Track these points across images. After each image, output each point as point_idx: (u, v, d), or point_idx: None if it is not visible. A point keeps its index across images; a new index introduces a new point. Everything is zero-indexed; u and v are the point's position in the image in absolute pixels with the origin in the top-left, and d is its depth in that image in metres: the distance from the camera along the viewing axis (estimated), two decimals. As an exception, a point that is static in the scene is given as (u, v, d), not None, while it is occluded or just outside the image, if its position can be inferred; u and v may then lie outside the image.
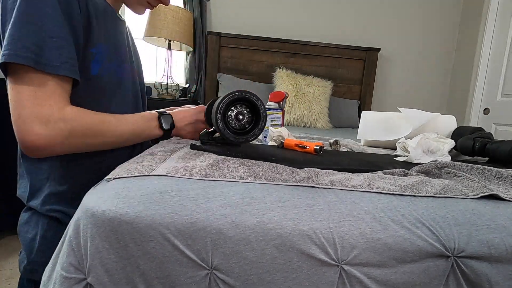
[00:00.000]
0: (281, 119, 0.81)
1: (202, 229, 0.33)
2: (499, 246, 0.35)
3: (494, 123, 2.21)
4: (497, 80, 2.20)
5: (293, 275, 0.33)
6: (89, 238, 0.34)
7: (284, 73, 2.18)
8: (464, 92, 2.44)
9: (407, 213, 0.36)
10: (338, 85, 2.39)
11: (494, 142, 0.64)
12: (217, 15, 2.40)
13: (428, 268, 0.34)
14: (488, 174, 0.47)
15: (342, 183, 0.41)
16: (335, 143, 0.78)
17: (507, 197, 0.41)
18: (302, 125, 2.05)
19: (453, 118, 0.85)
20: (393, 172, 0.48)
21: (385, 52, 2.54)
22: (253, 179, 0.41)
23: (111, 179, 0.40)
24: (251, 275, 0.33)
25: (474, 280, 0.34)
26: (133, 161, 0.47)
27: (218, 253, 0.33)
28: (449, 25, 2.58)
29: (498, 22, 2.22)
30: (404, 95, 2.63)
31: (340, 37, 2.49)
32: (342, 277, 0.33)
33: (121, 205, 0.35)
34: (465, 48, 2.48)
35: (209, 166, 0.43)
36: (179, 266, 0.33)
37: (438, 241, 0.34)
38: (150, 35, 2.00)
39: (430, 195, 0.40)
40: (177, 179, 0.40)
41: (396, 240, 0.34)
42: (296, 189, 0.39)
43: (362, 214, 0.36)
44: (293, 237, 0.33)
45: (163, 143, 0.63)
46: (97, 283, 0.33)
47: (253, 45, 2.32)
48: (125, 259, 0.33)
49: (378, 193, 0.40)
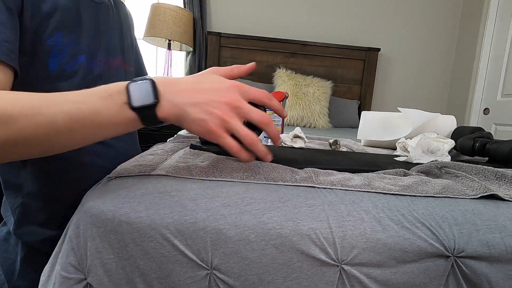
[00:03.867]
0: (281, 119, 0.81)
1: (202, 229, 0.33)
2: (499, 246, 0.35)
3: (494, 123, 2.21)
4: (497, 80, 2.20)
5: (293, 275, 0.33)
6: (89, 238, 0.34)
7: (284, 73, 2.18)
8: (464, 92, 2.44)
9: (407, 213, 0.36)
10: (338, 85, 2.39)
11: (494, 142, 0.64)
12: (217, 15, 2.40)
13: (428, 268, 0.34)
14: (488, 174, 0.47)
15: (342, 183, 0.41)
16: (334, 143, 0.78)
17: (507, 197, 0.41)
18: (302, 125, 2.05)
19: (453, 118, 0.85)
20: (393, 172, 0.48)
21: (385, 52, 2.54)
22: (253, 179, 0.41)
23: (112, 178, 0.40)
24: (251, 275, 0.33)
25: (474, 280, 0.34)
26: (133, 160, 0.47)
27: (218, 253, 0.33)
28: (449, 25, 2.58)
29: (498, 22, 2.22)
30: (404, 95, 2.63)
31: (340, 37, 2.49)
32: (342, 277, 0.33)
33: (121, 205, 0.35)
34: (465, 48, 2.47)
35: (209, 166, 0.43)
36: (179, 266, 0.33)
37: (438, 241, 0.34)
38: (150, 35, 2.00)
39: (430, 195, 0.40)
40: (177, 179, 0.40)
41: (396, 240, 0.34)
42: (296, 189, 0.39)
43: (362, 214, 0.36)
44: (293, 237, 0.33)
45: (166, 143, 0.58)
46: (97, 283, 0.33)
47: (253, 45, 2.32)
48: (125, 259, 0.33)
49: (378, 193, 0.40)
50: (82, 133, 0.35)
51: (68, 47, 0.49)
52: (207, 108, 0.36)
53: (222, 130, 0.36)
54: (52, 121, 0.33)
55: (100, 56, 0.55)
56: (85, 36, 0.52)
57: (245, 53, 2.34)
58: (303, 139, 0.65)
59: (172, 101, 0.36)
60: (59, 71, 0.48)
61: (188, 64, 2.33)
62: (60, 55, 0.48)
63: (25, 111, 0.32)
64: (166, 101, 0.35)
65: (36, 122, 0.32)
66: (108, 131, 0.36)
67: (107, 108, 0.34)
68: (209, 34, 2.28)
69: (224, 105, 0.36)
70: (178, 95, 0.36)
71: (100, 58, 0.55)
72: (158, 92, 0.35)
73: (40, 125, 0.32)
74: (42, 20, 0.45)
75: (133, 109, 0.35)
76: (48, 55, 0.47)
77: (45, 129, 0.33)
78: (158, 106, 0.35)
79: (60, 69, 0.48)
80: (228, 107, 0.36)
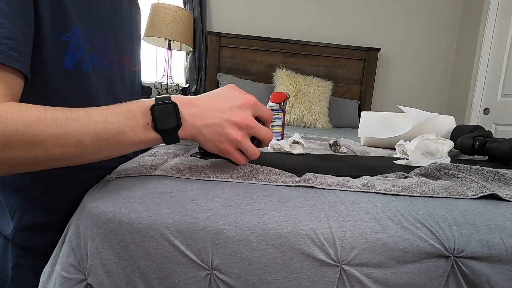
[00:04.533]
0: (282, 120, 0.81)
1: (202, 230, 0.33)
2: (499, 246, 0.35)
3: (494, 123, 2.22)
4: (497, 80, 2.20)
5: (293, 275, 0.33)
6: (89, 238, 0.34)
7: (284, 73, 2.18)
8: (464, 92, 2.44)
9: (407, 213, 0.36)
10: (338, 85, 2.39)
11: (493, 141, 0.64)
12: (217, 15, 2.40)
13: (428, 269, 0.34)
14: (487, 175, 0.47)
15: (342, 184, 0.41)
16: (334, 144, 0.78)
17: (507, 197, 0.41)
18: (302, 125, 2.05)
19: (452, 118, 0.85)
20: (393, 175, 0.48)
21: (385, 52, 2.54)
22: (253, 180, 0.41)
23: (112, 178, 0.40)
24: (251, 275, 0.33)
25: (474, 281, 0.34)
26: (134, 161, 0.47)
27: (218, 254, 0.33)
28: (449, 25, 2.58)
29: (498, 22, 2.22)
30: (404, 95, 2.63)
31: (340, 37, 2.49)
32: (342, 277, 0.33)
33: (121, 206, 0.35)
34: (465, 48, 2.48)
35: (209, 167, 0.43)
36: (179, 267, 0.33)
37: (438, 241, 0.34)
38: (150, 35, 2.00)
39: (429, 195, 0.40)
40: (177, 179, 0.40)
41: (396, 241, 0.34)
42: (296, 190, 0.39)
43: (362, 215, 0.36)
44: (293, 238, 0.33)
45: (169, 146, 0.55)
46: (97, 284, 0.33)
47: (253, 45, 2.32)
48: (125, 259, 0.33)
49: (377, 194, 0.40)
50: (106, 151, 0.36)
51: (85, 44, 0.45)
52: (222, 130, 0.39)
53: (233, 149, 0.41)
54: (80, 142, 0.33)
55: (111, 54, 0.52)
56: (98, 31, 0.48)
57: (245, 53, 2.34)
58: (302, 145, 0.65)
59: (191, 123, 0.39)
60: (75, 70, 0.44)
61: (188, 64, 2.34)
62: (78, 52, 0.44)
63: (52, 131, 0.32)
64: (187, 123, 0.38)
65: (63, 143, 0.33)
66: (131, 148, 0.38)
67: (132, 129, 0.36)
68: (209, 34, 2.28)
69: (237, 126, 0.39)
70: (197, 117, 0.39)
71: (111, 57, 0.52)
72: (180, 116, 0.38)
73: (68, 145, 0.33)
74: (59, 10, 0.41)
75: (157, 131, 0.37)
76: (64, 51, 0.43)
77: (72, 149, 0.33)
78: (180, 128, 0.38)
79: (77, 68, 0.44)
80: (240, 127, 0.39)
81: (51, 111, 0.33)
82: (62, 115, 0.33)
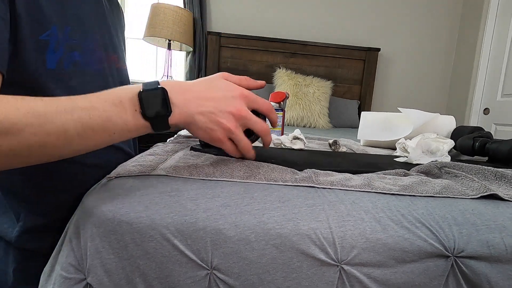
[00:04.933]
0: (281, 119, 0.81)
1: (202, 229, 0.33)
2: (499, 246, 0.35)
3: (494, 123, 2.22)
4: (497, 80, 2.20)
5: (293, 275, 0.33)
6: (89, 238, 0.34)
7: (284, 73, 2.18)
8: (464, 92, 2.44)
9: (407, 213, 0.36)
10: (338, 85, 2.40)
11: (493, 142, 0.64)
12: (217, 15, 2.40)
13: (428, 268, 0.34)
14: (487, 174, 0.47)
15: (342, 183, 0.41)
16: (334, 143, 0.78)
17: (507, 197, 0.41)
18: (302, 125, 2.05)
19: (453, 118, 0.85)
20: (393, 172, 0.48)
21: (385, 52, 2.54)
22: (253, 179, 0.41)
23: (112, 178, 0.40)
24: (250, 275, 0.33)
25: (474, 280, 0.34)
26: (133, 160, 0.47)
27: (218, 253, 0.33)
28: (449, 25, 2.58)
29: (498, 22, 2.22)
30: (404, 95, 2.63)
31: (340, 37, 2.49)
32: (342, 277, 0.33)
33: (121, 205, 0.35)
34: (465, 48, 2.48)
35: (209, 166, 0.43)
36: (179, 266, 0.33)
37: (438, 241, 0.34)
38: (150, 35, 2.00)
39: (429, 195, 0.40)
40: (177, 179, 0.40)
41: (396, 240, 0.34)
42: (296, 189, 0.39)
43: (362, 214, 0.36)
44: (293, 237, 0.33)
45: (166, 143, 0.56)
46: (97, 283, 0.33)
47: (253, 45, 2.32)
48: (125, 259, 0.33)
49: (378, 193, 0.40)
50: (93, 140, 0.35)
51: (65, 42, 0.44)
52: (215, 118, 0.38)
53: (226, 138, 0.40)
54: (64, 130, 0.32)
55: (98, 52, 0.51)
56: (79, 29, 0.47)
57: (245, 53, 2.34)
58: (302, 141, 0.65)
59: (182, 109, 0.37)
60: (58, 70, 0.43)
61: (188, 64, 2.34)
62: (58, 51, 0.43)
63: (31, 119, 0.30)
64: (177, 110, 0.37)
65: (46, 131, 0.31)
66: (119, 137, 0.36)
67: (119, 115, 0.35)
68: (209, 34, 2.28)
69: (231, 115, 0.39)
70: (189, 103, 0.37)
71: (99, 55, 0.51)
72: (170, 102, 0.36)
73: (51, 133, 0.31)
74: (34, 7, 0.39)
75: (145, 118, 0.36)
76: (45, 51, 0.42)
77: (55, 137, 0.32)
78: (170, 115, 0.36)
79: (59, 67, 0.44)
80: (234, 117, 0.39)
81: (29, 99, 0.31)
82: (41, 103, 0.31)
